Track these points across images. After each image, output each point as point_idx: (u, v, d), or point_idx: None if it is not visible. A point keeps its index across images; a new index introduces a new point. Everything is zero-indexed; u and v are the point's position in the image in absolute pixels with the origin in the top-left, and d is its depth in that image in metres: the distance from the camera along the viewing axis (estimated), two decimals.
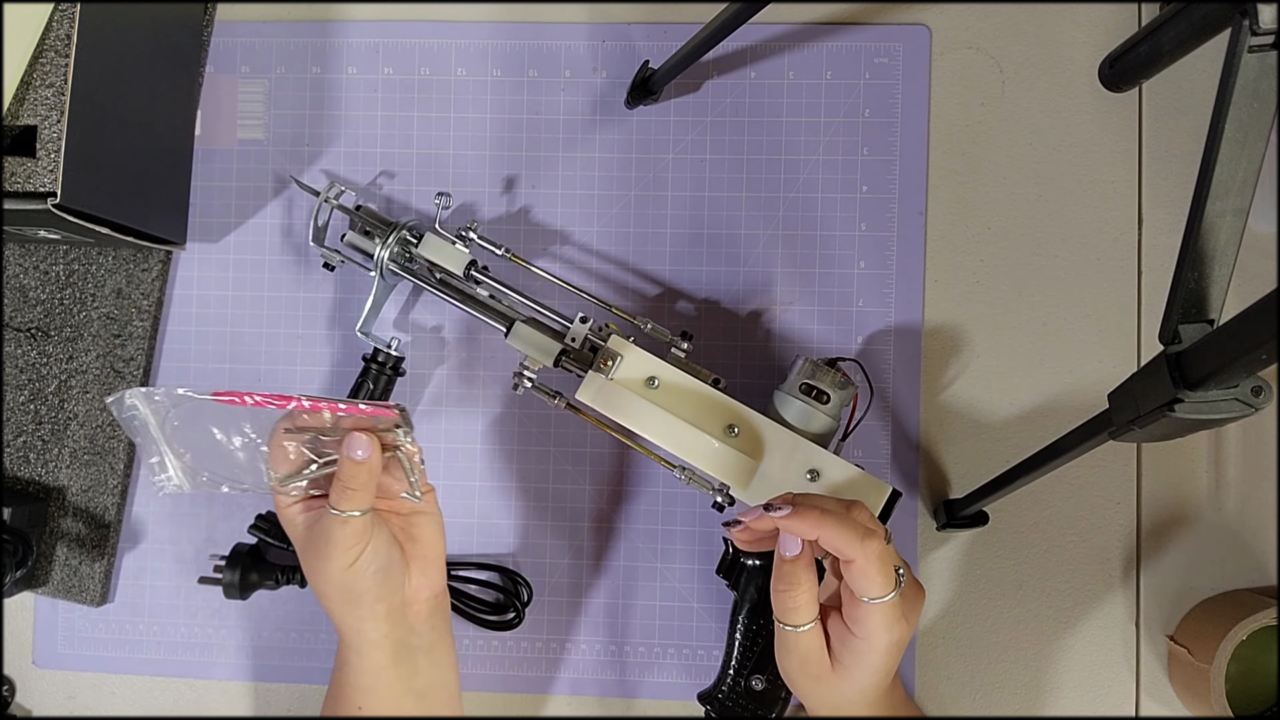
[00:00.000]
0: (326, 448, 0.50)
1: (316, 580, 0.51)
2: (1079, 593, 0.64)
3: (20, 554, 0.61)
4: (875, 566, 0.46)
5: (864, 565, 0.46)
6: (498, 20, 0.66)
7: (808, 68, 0.65)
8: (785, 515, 0.47)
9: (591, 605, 0.65)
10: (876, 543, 0.46)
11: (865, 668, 0.48)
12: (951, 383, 0.64)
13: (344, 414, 0.49)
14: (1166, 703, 0.63)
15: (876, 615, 0.47)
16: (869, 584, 0.46)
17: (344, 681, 0.53)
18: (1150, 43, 0.56)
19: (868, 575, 0.46)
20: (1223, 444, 0.64)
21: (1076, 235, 0.64)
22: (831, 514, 0.47)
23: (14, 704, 0.66)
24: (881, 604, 0.47)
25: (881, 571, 0.46)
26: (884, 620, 0.47)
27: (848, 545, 0.46)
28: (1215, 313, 0.41)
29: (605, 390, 0.57)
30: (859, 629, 0.47)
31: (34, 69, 0.52)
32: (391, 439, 0.50)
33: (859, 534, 0.46)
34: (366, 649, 0.52)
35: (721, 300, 0.65)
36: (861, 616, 0.47)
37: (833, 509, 0.48)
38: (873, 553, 0.46)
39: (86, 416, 0.65)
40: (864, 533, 0.46)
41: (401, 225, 0.61)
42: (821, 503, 0.48)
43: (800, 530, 0.47)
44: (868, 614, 0.47)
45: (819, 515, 0.47)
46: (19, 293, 0.65)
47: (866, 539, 0.46)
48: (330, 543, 0.49)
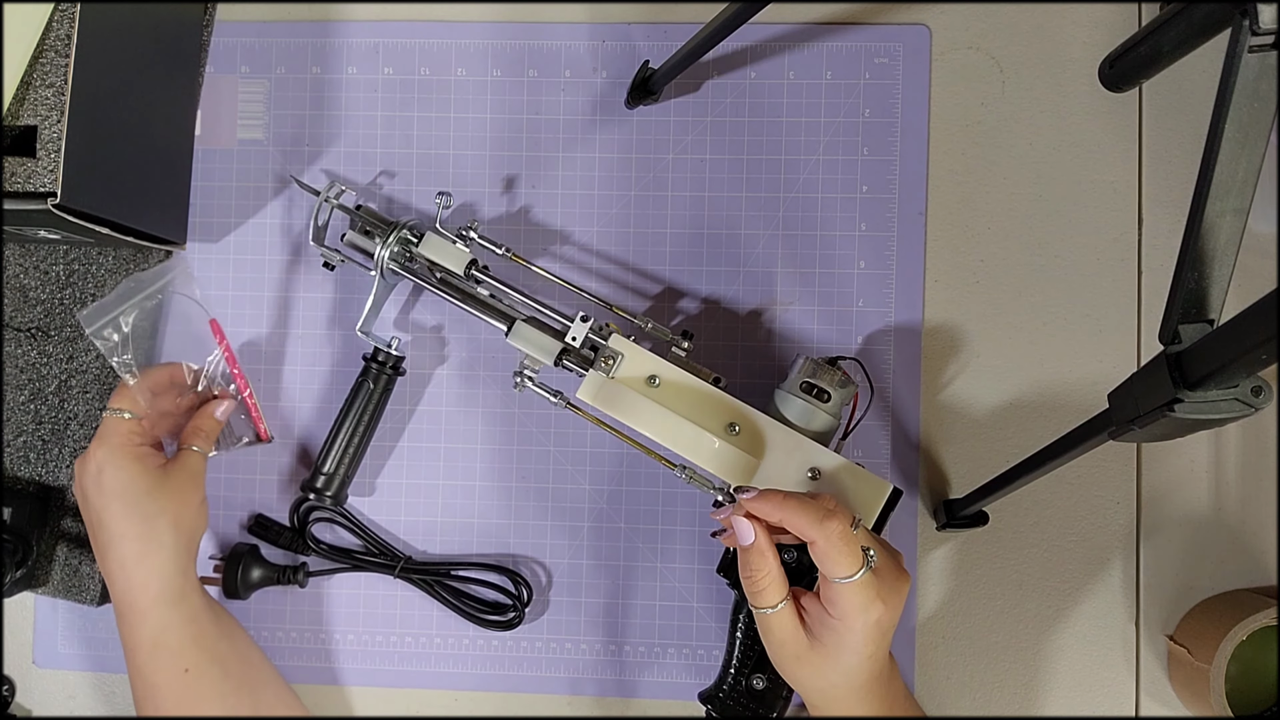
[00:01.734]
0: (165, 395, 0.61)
1: (179, 519, 0.57)
2: (1079, 592, 0.64)
3: (20, 554, 0.61)
4: (836, 546, 0.48)
5: (825, 546, 0.48)
6: (498, 20, 0.66)
7: (808, 68, 0.65)
8: (750, 498, 0.51)
9: (591, 605, 0.65)
10: (836, 522, 0.48)
11: (845, 648, 0.50)
12: (951, 382, 0.64)
13: (236, 403, 0.63)
14: (1166, 703, 0.63)
15: (848, 595, 0.49)
16: (833, 564, 0.48)
17: (159, 644, 0.56)
18: (1150, 43, 0.56)
19: (829, 555, 0.48)
20: (1223, 444, 0.64)
21: (1076, 235, 0.64)
22: (793, 496, 0.50)
23: (14, 704, 0.66)
24: (852, 583, 0.48)
25: (844, 551, 0.48)
26: (857, 600, 0.49)
27: (809, 525, 0.49)
28: (1215, 313, 0.41)
29: (606, 389, 0.57)
30: (834, 609, 0.49)
31: (34, 69, 0.52)
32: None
33: (818, 514, 0.49)
34: (190, 592, 0.57)
35: (722, 300, 0.65)
36: (834, 597, 0.49)
37: (797, 495, 0.50)
38: (833, 532, 0.48)
39: (86, 416, 0.65)
40: (824, 514, 0.49)
41: (402, 225, 0.61)
42: (785, 490, 0.52)
43: (764, 511, 0.50)
44: (839, 594, 0.49)
45: (781, 498, 0.50)
46: (19, 293, 0.65)
47: (826, 519, 0.48)
48: (196, 475, 0.59)
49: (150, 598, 0.55)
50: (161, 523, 0.56)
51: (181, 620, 0.56)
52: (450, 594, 0.64)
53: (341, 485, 0.63)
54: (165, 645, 0.56)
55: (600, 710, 0.65)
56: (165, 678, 0.56)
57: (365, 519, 0.65)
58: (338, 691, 0.65)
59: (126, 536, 0.55)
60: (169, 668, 0.56)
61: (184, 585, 0.56)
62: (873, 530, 0.55)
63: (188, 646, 0.56)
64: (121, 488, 0.56)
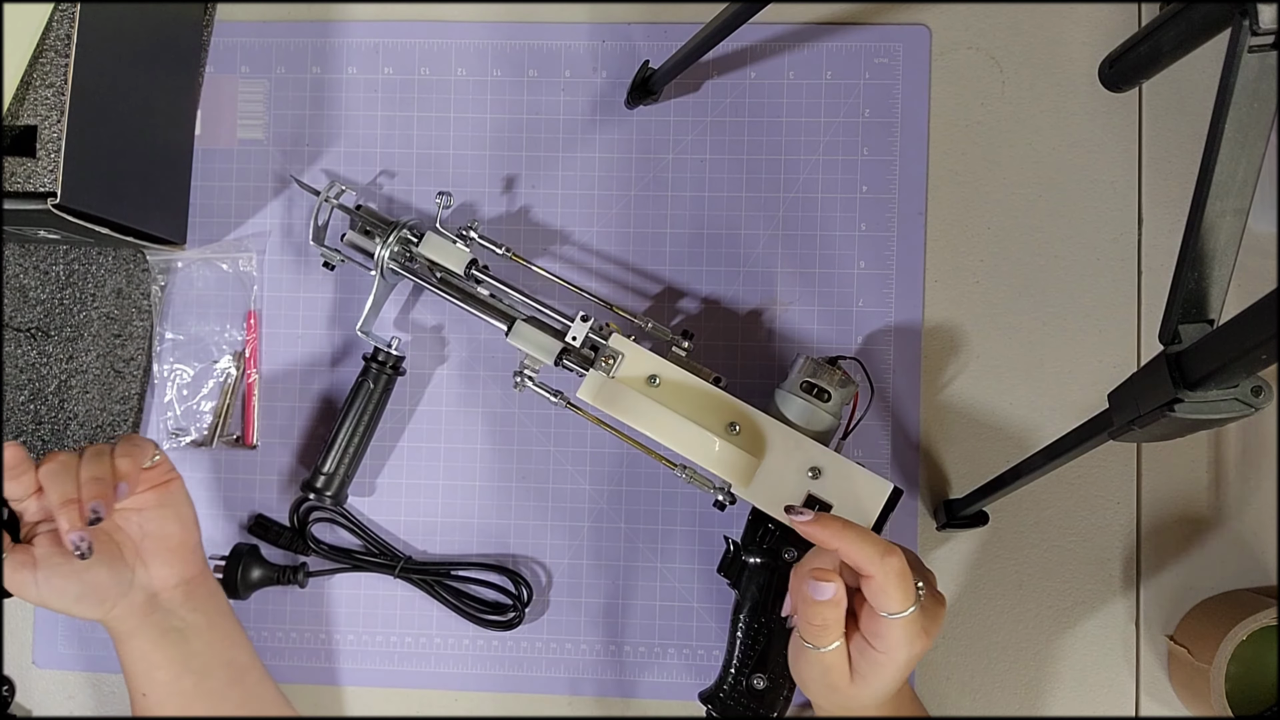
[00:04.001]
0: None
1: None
2: (1079, 592, 0.64)
3: None
4: (894, 583, 0.47)
5: (883, 581, 0.47)
6: (498, 20, 0.66)
7: (808, 68, 0.65)
8: (807, 520, 0.49)
9: (592, 605, 0.65)
10: (896, 559, 0.47)
11: (884, 679, 0.49)
12: (951, 382, 0.64)
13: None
14: (1166, 703, 0.63)
15: (896, 630, 0.48)
16: (888, 600, 0.47)
17: (125, 670, 0.56)
18: (1150, 43, 0.56)
19: (886, 591, 0.47)
20: (1223, 444, 0.64)
21: (1076, 235, 0.64)
22: (853, 527, 0.48)
23: (14, 704, 0.66)
24: (901, 619, 0.47)
25: (900, 588, 0.47)
26: (904, 635, 0.48)
27: (868, 561, 0.47)
28: (1215, 313, 0.41)
29: (606, 388, 0.57)
30: (879, 643, 0.48)
31: (34, 69, 0.52)
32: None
33: (880, 550, 0.47)
34: (125, 637, 0.55)
35: (722, 300, 0.65)
36: (882, 631, 0.48)
37: (857, 527, 0.49)
38: (892, 569, 0.47)
39: (86, 416, 0.65)
40: (885, 549, 0.47)
41: (402, 224, 0.61)
42: (844, 519, 0.50)
43: (821, 538, 0.49)
44: (888, 629, 0.48)
45: (841, 526, 0.48)
46: (19, 293, 0.65)
47: (887, 555, 0.47)
48: (181, 503, 0.56)
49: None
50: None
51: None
52: (450, 594, 0.64)
53: (341, 485, 0.63)
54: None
55: (600, 710, 0.65)
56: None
57: (365, 519, 0.65)
58: (338, 691, 0.65)
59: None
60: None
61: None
62: (874, 530, 0.55)
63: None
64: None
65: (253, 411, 0.64)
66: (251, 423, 0.65)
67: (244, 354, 0.65)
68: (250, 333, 0.64)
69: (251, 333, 0.64)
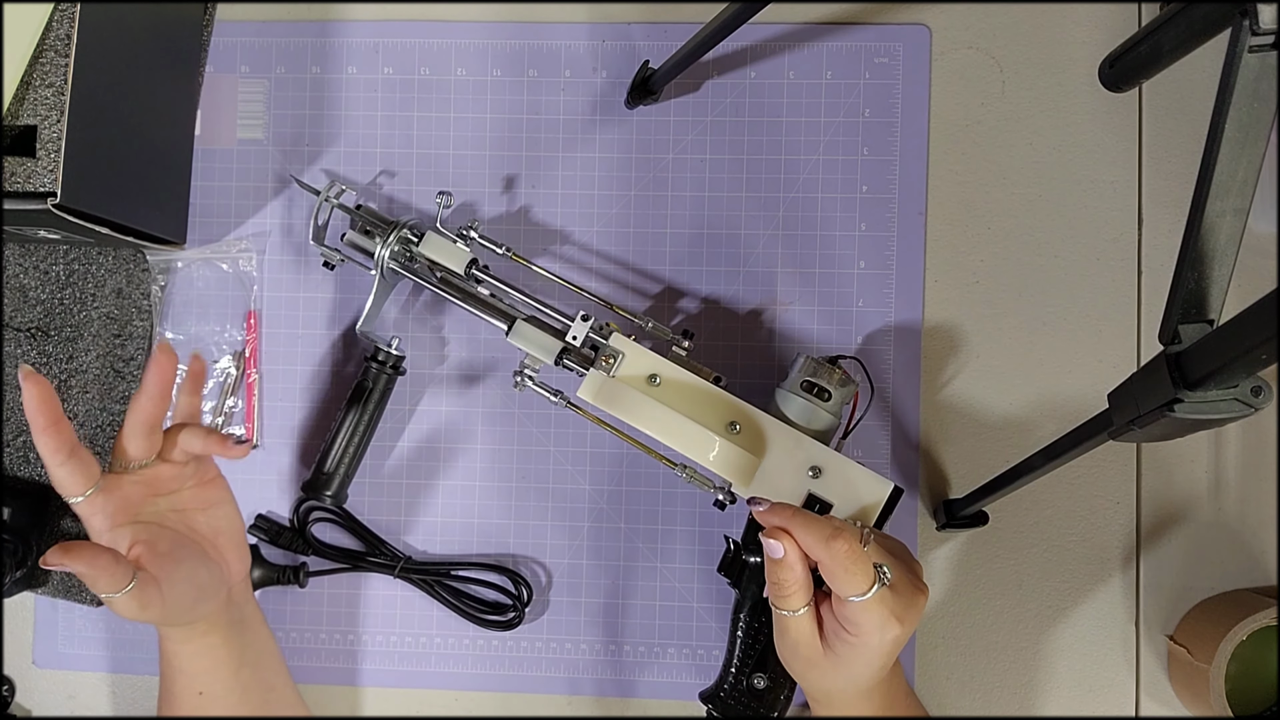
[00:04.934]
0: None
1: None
2: (1079, 592, 0.64)
3: (20, 554, 0.61)
4: (842, 565, 0.47)
5: (831, 565, 0.48)
6: (498, 20, 0.66)
7: (808, 68, 0.65)
8: (763, 510, 0.51)
9: (592, 604, 0.65)
10: (841, 542, 0.48)
11: (858, 662, 0.49)
12: (951, 382, 0.64)
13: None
14: (1166, 703, 0.63)
15: (863, 613, 0.48)
16: (842, 583, 0.48)
17: (179, 669, 0.56)
18: (1150, 43, 0.56)
19: (836, 575, 0.48)
20: (1223, 444, 0.64)
21: (1076, 235, 0.64)
22: (801, 513, 0.49)
23: (14, 704, 0.66)
24: (866, 601, 0.48)
25: (851, 570, 0.48)
26: (873, 618, 0.48)
27: (814, 544, 0.48)
28: (1215, 313, 0.41)
29: (607, 388, 0.57)
30: (849, 625, 0.49)
31: (34, 69, 0.52)
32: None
33: (825, 534, 0.48)
34: (198, 637, 0.55)
35: (722, 299, 0.65)
36: (849, 614, 0.49)
37: (806, 512, 0.50)
38: (839, 552, 0.47)
39: (86, 416, 0.65)
40: (831, 532, 0.48)
41: (402, 224, 0.61)
42: (794, 506, 0.51)
43: (772, 522, 0.50)
44: (854, 611, 0.48)
45: (790, 513, 0.49)
46: (19, 293, 0.65)
47: (832, 539, 0.48)
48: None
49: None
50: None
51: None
52: (450, 594, 0.64)
53: (341, 485, 0.63)
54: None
55: (600, 710, 0.65)
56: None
57: (365, 519, 0.65)
58: (338, 691, 0.65)
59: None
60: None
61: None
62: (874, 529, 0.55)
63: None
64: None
65: (253, 411, 0.65)
66: (252, 423, 0.65)
67: (244, 354, 0.65)
68: (250, 333, 0.65)
69: (251, 333, 0.65)
